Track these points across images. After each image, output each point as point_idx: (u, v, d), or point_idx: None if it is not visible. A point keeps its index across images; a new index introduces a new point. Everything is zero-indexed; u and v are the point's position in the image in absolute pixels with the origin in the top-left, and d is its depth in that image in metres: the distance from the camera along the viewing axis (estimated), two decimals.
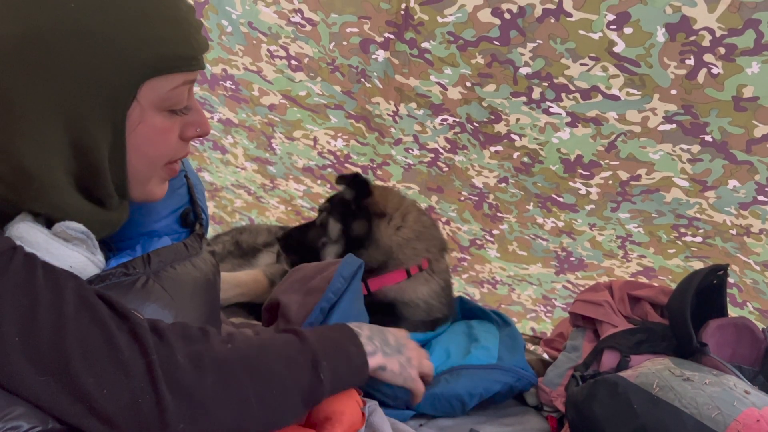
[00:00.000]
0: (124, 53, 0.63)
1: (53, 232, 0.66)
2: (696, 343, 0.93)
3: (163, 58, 0.66)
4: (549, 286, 1.73)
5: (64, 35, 0.61)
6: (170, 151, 0.73)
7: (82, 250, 0.68)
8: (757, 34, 0.90)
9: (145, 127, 0.68)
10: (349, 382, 0.77)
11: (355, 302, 1.01)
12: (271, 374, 0.67)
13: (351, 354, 0.78)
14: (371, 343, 0.82)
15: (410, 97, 1.30)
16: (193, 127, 0.75)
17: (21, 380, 0.56)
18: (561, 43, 1.04)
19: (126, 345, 0.60)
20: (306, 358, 0.71)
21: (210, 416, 0.62)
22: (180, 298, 0.75)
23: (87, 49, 0.62)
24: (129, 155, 0.69)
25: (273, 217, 2.03)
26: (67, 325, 0.57)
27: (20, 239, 0.62)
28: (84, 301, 0.60)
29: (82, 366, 0.57)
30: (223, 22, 1.33)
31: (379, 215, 1.20)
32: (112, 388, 0.58)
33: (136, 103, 0.66)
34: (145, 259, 0.74)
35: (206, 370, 0.62)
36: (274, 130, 1.60)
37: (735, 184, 1.14)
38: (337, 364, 0.74)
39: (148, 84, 0.66)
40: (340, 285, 0.97)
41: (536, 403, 1.11)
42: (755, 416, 0.74)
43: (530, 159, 1.32)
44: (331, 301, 0.95)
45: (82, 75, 0.62)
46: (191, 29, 0.70)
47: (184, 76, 0.69)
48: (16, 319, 0.56)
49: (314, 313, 0.94)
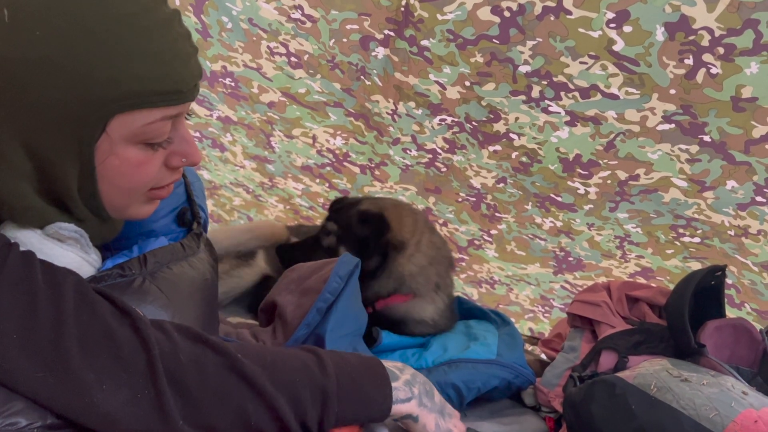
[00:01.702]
0: (90, 88, 0.59)
1: (46, 232, 0.66)
2: (694, 344, 0.93)
3: (136, 95, 0.61)
4: (547, 286, 1.73)
5: (28, 65, 0.57)
6: (148, 181, 0.69)
7: (77, 250, 0.68)
8: (756, 34, 0.90)
9: (116, 159, 0.64)
10: (358, 422, 0.72)
11: (353, 302, 1.00)
12: (273, 396, 0.64)
13: (372, 401, 0.70)
14: (407, 389, 0.74)
15: (409, 96, 1.30)
16: (178, 156, 0.70)
17: (19, 377, 0.56)
18: (561, 41, 1.03)
19: (126, 340, 0.59)
20: (315, 395, 0.66)
21: (208, 415, 0.61)
22: (177, 299, 0.75)
23: (50, 80, 0.58)
24: (100, 184, 0.66)
25: (272, 215, 2.03)
26: (66, 321, 0.57)
27: (13, 239, 0.62)
28: (83, 297, 0.60)
29: (81, 362, 0.57)
30: (223, 18, 1.32)
31: (398, 248, 1.14)
32: (112, 383, 0.57)
33: (106, 136, 0.62)
34: (141, 260, 0.74)
35: (208, 373, 0.62)
36: (273, 127, 1.60)
37: (733, 185, 1.14)
38: (349, 408, 0.68)
39: (119, 118, 0.62)
40: (337, 284, 0.95)
41: (534, 404, 1.10)
42: (753, 417, 0.74)
43: (529, 158, 1.31)
44: (328, 301, 0.94)
45: (45, 105, 0.59)
46: (176, 62, 0.64)
47: (162, 111, 0.64)
48: (15, 316, 0.56)
49: (311, 314, 0.92)
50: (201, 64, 0.70)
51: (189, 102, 0.68)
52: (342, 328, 0.94)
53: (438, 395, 0.80)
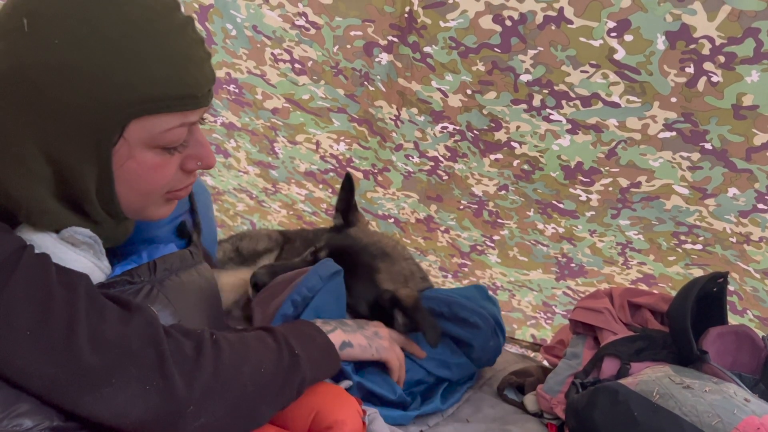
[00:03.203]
0: (107, 92, 0.61)
1: (60, 236, 0.67)
2: (696, 350, 0.93)
3: (152, 99, 0.63)
4: (549, 293, 1.73)
5: (46, 71, 0.59)
6: (165, 184, 0.71)
7: (89, 255, 0.69)
8: (756, 42, 0.90)
9: (134, 163, 0.66)
10: (323, 364, 0.79)
11: (333, 304, 0.97)
12: (258, 359, 0.69)
13: (313, 335, 0.80)
14: (327, 324, 0.85)
15: (412, 102, 1.31)
16: (194, 160, 0.72)
17: (32, 373, 0.57)
18: (562, 50, 1.04)
19: (136, 337, 0.61)
20: (278, 341, 0.73)
21: (215, 401, 0.63)
22: (184, 307, 0.76)
23: (68, 86, 0.60)
24: (118, 188, 0.67)
25: (275, 221, 2.03)
26: (79, 320, 0.59)
27: (29, 242, 0.63)
28: (95, 300, 0.62)
29: (92, 358, 0.58)
30: (227, 25, 1.34)
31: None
32: (121, 377, 0.59)
33: (123, 141, 0.64)
34: (150, 267, 0.75)
35: (209, 360, 0.64)
36: (276, 133, 1.61)
37: (735, 192, 1.14)
38: (305, 343, 0.76)
39: (137, 123, 0.63)
40: (315, 282, 0.94)
41: (536, 411, 1.10)
42: (755, 424, 0.74)
43: (530, 166, 1.32)
44: (303, 294, 0.92)
45: (63, 111, 0.60)
46: (190, 66, 0.65)
47: (180, 116, 0.65)
48: (29, 314, 0.57)
49: (285, 305, 0.91)
50: (214, 70, 0.71)
51: (204, 107, 0.69)
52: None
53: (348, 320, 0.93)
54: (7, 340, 0.56)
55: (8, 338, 0.56)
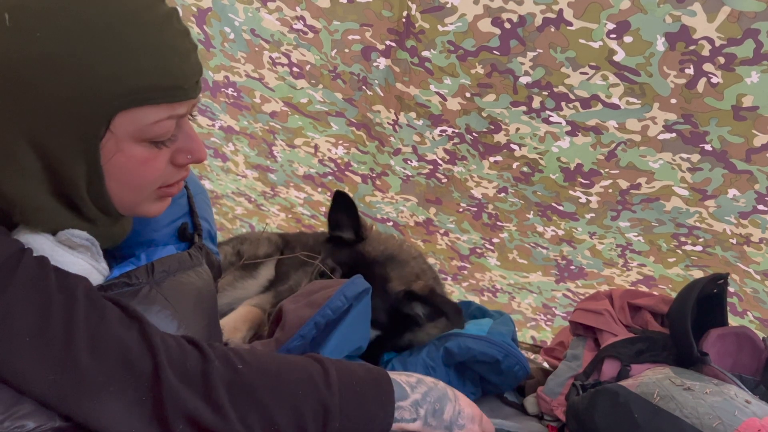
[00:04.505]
0: (92, 84, 0.60)
1: (57, 239, 0.67)
2: (697, 352, 0.93)
3: (137, 90, 0.62)
4: (549, 295, 1.72)
5: (30, 64, 0.58)
6: (156, 178, 0.70)
7: (87, 257, 0.69)
8: (756, 43, 0.90)
9: (123, 157, 0.65)
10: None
11: (358, 328, 0.97)
12: (273, 409, 0.64)
13: (374, 417, 0.69)
14: (413, 410, 0.72)
15: (410, 106, 1.31)
16: (184, 154, 0.70)
17: (31, 377, 0.57)
18: (561, 52, 1.04)
19: (134, 344, 0.61)
20: (317, 409, 0.65)
21: (208, 423, 0.62)
22: (183, 308, 0.76)
23: (53, 79, 0.59)
24: (109, 183, 0.66)
25: (274, 224, 2.03)
26: (78, 325, 0.58)
27: (27, 245, 0.63)
28: (94, 303, 0.61)
29: (91, 363, 0.58)
30: (225, 29, 1.33)
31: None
32: (118, 385, 0.58)
33: (110, 134, 0.63)
34: (148, 269, 0.74)
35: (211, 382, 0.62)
36: (275, 137, 1.61)
37: (735, 193, 1.14)
38: (350, 424, 0.67)
39: (123, 115, 0.62)
40: (341, 303, 0.93)
41: (537, 412, 1.10)
42: (756, 426, 0.73)
43: (530, 168, 1.32)
44: (327, 317, 0.91)
45: (49, 103, 0.60)
46: (176, 57, 0.64)
47: (167, 109, 0.65)
48: (28, 319, 0.57)
49: (307, 326, 0.90)
50: (200, 62, 0.70)
51: (191, 99, 0.68)
52: (341, 352, 0.93)
53: (449, 410, 0.76)
54: (7, 345, 0.56)
55: (8, 343, 0.56)
